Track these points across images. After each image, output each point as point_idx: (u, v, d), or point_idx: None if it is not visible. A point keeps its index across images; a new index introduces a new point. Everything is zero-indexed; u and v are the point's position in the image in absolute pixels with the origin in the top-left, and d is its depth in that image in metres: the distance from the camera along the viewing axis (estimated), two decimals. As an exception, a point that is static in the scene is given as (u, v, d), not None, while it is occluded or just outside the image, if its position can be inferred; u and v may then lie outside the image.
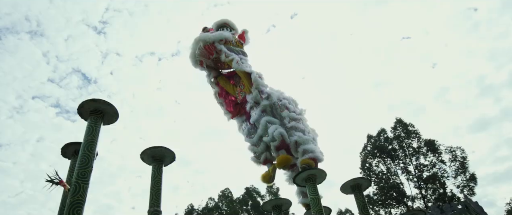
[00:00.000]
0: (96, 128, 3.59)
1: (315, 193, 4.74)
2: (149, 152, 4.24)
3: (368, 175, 28.09)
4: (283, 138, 5.66)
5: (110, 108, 3.74)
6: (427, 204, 24.89)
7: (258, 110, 5.98)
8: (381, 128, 29.63)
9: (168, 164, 4.46)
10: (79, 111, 3.71)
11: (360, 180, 5.16)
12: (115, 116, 3.86)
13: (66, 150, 4.16)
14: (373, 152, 28.16)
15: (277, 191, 37.48)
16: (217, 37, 6.31)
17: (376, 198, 26.30)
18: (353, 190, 5.16)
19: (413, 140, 27.70)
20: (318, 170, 4.87)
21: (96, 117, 3.65)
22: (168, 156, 4.33)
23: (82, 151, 3.38)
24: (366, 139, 29.50)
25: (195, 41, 6.43)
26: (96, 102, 3.63)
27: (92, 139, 3.49)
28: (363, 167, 28.57)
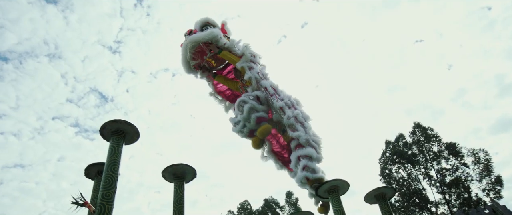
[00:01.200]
0: (118, 148, 3.62)
1: (339, 204, 4.65)
2: (171, 170, 4.25)
3: (389, 181, 27.53)
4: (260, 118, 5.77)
5: (131, 128, 3.77)
6: (452, 209, 24.17)
7: (249, 94, 6.01)
8: (399, 133, 29.14)
9: (189, 181, 4.46)
10: (101, 132, 3.76)
11: (384, 189, 5.04)
12: (136, 135, 3.89)
13: (89, 171, 4.21)
14: (393, 158, 27.63)
15: (297, 201, 37.06)
16: (209, 35, 6.16)
17: (398, 205, 25.70)
18: (378, 199, 5.04)
19: (433, 144, 27.09)
20: (341, 181, 4.77)
21: (118, 137, 3.68)
22: (189, 173, 4.34)
23: (106, 172, 3.40)
24: (385, 145, 29.02)
25: (185, 45, 6.23)
26: (118, 123, 3.67)
27: (114, 159, 3.52)
28: (383, 173, 28.03)
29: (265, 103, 6.08)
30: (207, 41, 6.08)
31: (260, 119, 5.90)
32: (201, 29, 6.43)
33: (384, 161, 28.35)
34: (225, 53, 6.19)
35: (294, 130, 5.67)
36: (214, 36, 6.08)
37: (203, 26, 6.47)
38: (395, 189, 5.41)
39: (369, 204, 5.31)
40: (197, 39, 6.04)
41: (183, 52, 6.24)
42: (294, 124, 5.66)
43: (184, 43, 6.19)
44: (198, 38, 6.04)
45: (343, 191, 4.90)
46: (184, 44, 6.19)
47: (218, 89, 7.00)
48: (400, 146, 28.45)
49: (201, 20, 6.51)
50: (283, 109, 5.79)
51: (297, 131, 5.66)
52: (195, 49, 6.17)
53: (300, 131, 5.65)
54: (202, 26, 6.47)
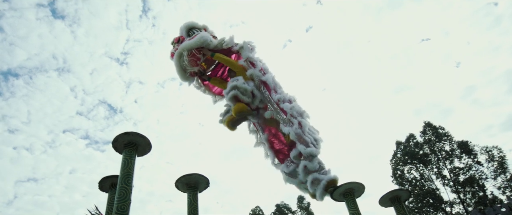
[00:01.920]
0: (131, 160, 3.63)
1: (355, 207, 4.60)
2: (183, 180, 4.24)
3: (401, 182, 27.25)
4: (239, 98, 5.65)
5: (143, 140, 3.78)
6: (467, 209, 23.77)
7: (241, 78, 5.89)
8: (409, 133, 28.86)
9: (203, 190, 4.45)
10: (114, 145, 3.77)
11: (399, 191, 4.96)
12: (148, 147, 3.90)
13: (103, 184, 4.23)
14: (404, 158, 27.35)
15: (308, 206, 36.81)
16: (200, 40, 6.00)
17: (412, 206, 25.37)
18: (393, 202, 4.97)
19: (445, 143, 26.75)
20: (356, 184, 4.72)
21: (130, 150, 3.69)
22: (202, 182, 4.33)
23: (120, 184, 3.41)
24: (395, 145, 28.74)
25: (180, 54, 6.07)
26: (130, 136, 3.68)
27: (128, 172, 3.53)
28: (394, 174, 27.74)
29: (259, 97, 5.94)
30: (199, 46, 5.99)
31: (237, 99, 5.72)
32: (187, 34, 6.33)
33: (396, 162, 28.06)
34: (218, 55, 6.10)
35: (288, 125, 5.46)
36: (205, 40, 5.99)
37: (189, 30, 6.37)
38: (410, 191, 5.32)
39: (384, 207, 5.25)
40: (190, 46, 5.95)
41: (177, 62, 6.12)
42: (290, 119, 5.43)
43: (178, 52, 6.06)
44: (190, 45, 5.95)
45: (359, 194, 4.84)
46: (178, 53, 6.07)
47: (214, 92, 6.93)
48: (411, 146, 28.16)
49: (186, 25, 6.40)
50: (279, 102, 5.64)
51: (292, 126, 5.41)
52: (190, 57, 6.08)
53: (292, 127, 5.41)
54: (188, 31, 6.38)
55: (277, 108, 5.70)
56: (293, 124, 5.37)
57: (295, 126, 5.36)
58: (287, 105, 5.56)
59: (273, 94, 5.75)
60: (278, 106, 5.65)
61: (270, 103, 5.88)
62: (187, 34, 6.28)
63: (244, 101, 5.69)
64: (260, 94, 5.95)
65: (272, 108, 5.85)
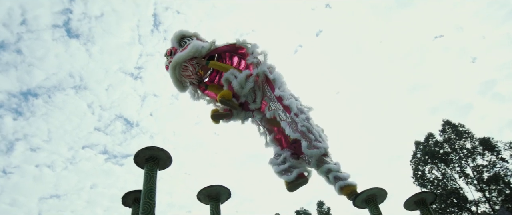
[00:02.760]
0: (153, 175, 3.65)
1: (379, 214, 4.50)
2: (205, 192, 4.23)
3: (422, 183, 26.72)
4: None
5: (164, 154, 3.80)
6: (494, 207, 23.07)
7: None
8: (428, 133, 28.34)
9: (225, 201, 4.43)
10: (135, 160, 3.80)
11: (424, 194, 4.83)
12: (169, 160, 3.92)
13: (126, 199, 4.25)
14: (424, 158, 26.82)
15: (329, 210, 36.39)
16: (192, 50, 5.76)
17: (436, 207, 24.79)
18: (418, 205, 4.83)
19: (466, 140, 26.15)
20: (378, 189, 4.62)
21: (151, 164, 3.72)
22: (224, 193, 4.31)
23: (143, 199, 3.43)
24: (414, 145, 28.24)
25: (174, 69, 5.85)
26: (150, 150, 3.71)
27: (150, 186, 3.54)
28: (415, 175, 27.24)
29: (259, 94, 5.70)
30: (192, 57, 5.79)
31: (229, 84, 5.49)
32: (179, 44, 6.07)
33: (416, 162, 27.56)
34: (213, 63, 5.90)
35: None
36: (196, 49, 5.73)
37: (180, 40, 6.10)
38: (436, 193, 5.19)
39: (409, 211, 5.13)
40: (183, 58, 5.75)
41: (173, 75, 5.92)
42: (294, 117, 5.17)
43: (172, 65, 5.85)
44: (183, 57, 5.74)
45: (382, 200, 4.72)
46: (172, 66, 5.86)
47: (214, 98, 6.38)
48: (430, 146, 27.63)
49: (176, 36, 6.13)
50: (283, 100, 5.35)
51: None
52: (184, 69, 5.87)
53: (295, 126, 5.10)
54: (179, 41, 6.10)
55: (279, 106, 5.41)
56: (297, 123, 5.08)
57: (300, 123, 5.08)
58: (293, 103, 5.30)
59: (277, 91, 5.49)
60: (282, 105, 5.36)
61: (272, 101, 5.58)
62: (179, 45, 6.03)
63: (233, 88, 5.51)
64: (257, 91, 5.72)
65: (273, 106, 5.54)
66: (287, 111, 5.27)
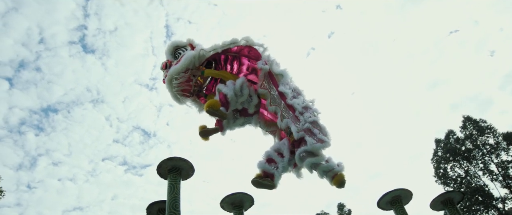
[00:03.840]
0: (176, 185, 3.69)
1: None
2: (228, 200, 4.26)
3: (445, 181, 26.15)
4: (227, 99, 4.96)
5: (186, 164, 3.84)
6: (522, 204, 22.38)
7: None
8: (448, 130, 27.75)
9: (248, 209, 4.44)
10: (158, 171, 3.85)
11: (451, 193, 4.75)
12: (191, 170, 3.95)
13: (151, 209, 4.30)
14: (446, 156, 26.24)
15: (350, 213, 35.91)
16: (185, 62, 5.52)
17: (460, 206, 24.19)
18: (445, 205, 4.74)
19: (488, 136, 25.46)
20: (403, 190, 4.55)
21: (174, 175, 3.76)
22: (246, 201, 4.33)
23: (168, 210, 3.47)
24: (435, 143, 27.68)
25: (169, 81, 5.64)
26: (173, 161, 3.76)
27: (175, 196, 3.58)
28: (437, 174, 26.66)
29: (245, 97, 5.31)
30: (186, 69, 5.55)
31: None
32: (174, 56, 5.85)
33: (437, 160, 26.99)
34: (208, 71, 5.68)
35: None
36: (190, 60, 5.47)
37: (174, 52, 5.87)
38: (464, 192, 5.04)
39: (435, 211, 5.02)
40: (176, 73, 5.53)
41: (169, 89, 5.73)
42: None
43: (167, 81, 5.65)
44: (177, 71, 5.52)
45: (407, 201, 4.65)
46: (167, 82, 5.66)
47: None
48: (451, 143, 27.04)
49: (169, 48, 5.90)
50: (287, 98, 5.01)
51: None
52: (179, 83, 5.62)
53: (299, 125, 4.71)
54: (172, 53, 5.87)
55: (282, 103, 5.06)
56: (300, 121, 4.74)
57: (302, 122, 4.73)
58: (296, 101, 4.98)
59: (281, 87, 5.15)
60: (285, 103, 5.03)
61: (273, 99, 5.20)
62: (174, 57, 5.82)
63: (227, 97, 5.05)
64: (253, 95, 5.39)
65: (275, 103, 5.17)
66: (290, 110, 4.96)
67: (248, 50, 5.57)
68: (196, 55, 5.51)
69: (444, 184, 26.10)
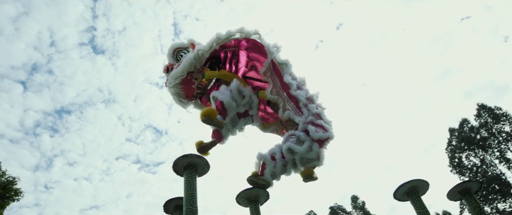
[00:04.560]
0: (192, 182, 3.71)
1: (422, 206, 4.37)
2: (244, 194, 4.27)
3: (460, 171, 25.84)
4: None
5: (201, 160, 3.86)
6: (541, 192, 21.97)
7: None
8: (462, 118, 27.33)
9: (264, 203, 4.45)
10: (174, 168, 3.88)
11: (469, 183, 4.67)
12: (207, 167, 3.98)
13: (168, 206, 4.35)
14: (460, 145, 25.88)
15: (363, 205, 35.82)
16: (185, 65, 5.31)
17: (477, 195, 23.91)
18: (463, 195, 4.67)
19: (504, 123, 25.03)
20: (419, 181, 4.50)
21: (190, 171, 3.79)
22: (262, 195, 4.33)
23: (186, 206, 3.51)
24: (449, 133, 27.32)
25: (169, 84, 5.45)
26: (188, 158, 3.78)
27: (191, 193, 3.61)
28: (452, 163, 26.35)
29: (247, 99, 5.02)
30: (187, 72, 5.33)
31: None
32: (176, 59, 5.64)
33: (451, 150, 26.65)
34: (209, 73, 5.40)
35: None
36: (189, 63, 5.21)
37: (175, 54, 5.66)
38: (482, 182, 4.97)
39: (453, 201, 4.97)
40: (176, 76, 5.33)
41: (171, 92, 5.56)
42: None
43: (168, 85, 5.48)
44: (177, 75, 5.31)
45: (423, 192, 4.60)
46: (169, 86, 5.49)
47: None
48: (466, 132, 26.64)
49: (169, 51, 5.71)
50: (291, 89, 4.85)
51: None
52: (180, 87, 5.43)
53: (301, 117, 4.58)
54: (174, 55, 5.67)
55: (284, 94, 4.93)
56: (303, 114, 4.66)
57: (306, 113, 4.65)
58: (300, 93, 4.82)
59: (286, 77, 4.98)
60: (288, 94, 4.88)
61: (275, 88, 5.04)
62: (175, 59, 5.61)
63: (222, 105, 4.71)
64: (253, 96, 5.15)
65: (278, 93, 5.03)
66: (293, 101, 4.83)
67: (246, 41, 5.30)
68: (196, 57, 5.28)
69: (459, 174, 25.78)
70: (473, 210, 4.54)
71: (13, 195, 16.76)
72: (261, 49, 5.17)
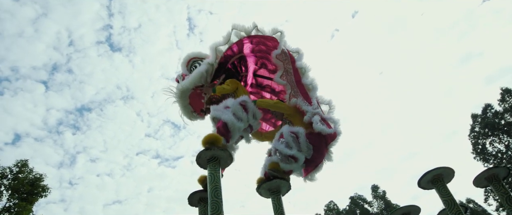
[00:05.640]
0: (216, 174, 3.76)
1: (447, 194, 4.31)
2: (266, 186, 4.30)
3: (484, 157, 25.24)
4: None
5: (224, 153, 3.91)
6: None
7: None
8: (485, 104, 26.61)
9: (285, 193, 4.48)
10: (198, 161, 3.94)
11: (496, 169, 4.56)
12: (230, 159, 4.03)
13: (192, 199, 4.45)
14: (484, 131, 25.25)
15: (384, 194, 35.50)
16: (195, 77, 4.99)
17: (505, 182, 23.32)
18: (490, 181, 4.58)
19: (531, 107, 24.26)
20: (444, 169, 4.43)
21: (214, 164, 3.84)
22: (284, 186, 4.36)
23: (211, 198, 3.56)
24: (471, 119, 26.67)
25: (177, 98, 5.20)
26: (212, 151, 3.83)
27: (216, 185, 3.66)
28: (476, 150, 25.75)
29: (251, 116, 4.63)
30: (196, 85, 5.04)
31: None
32: (189, 69, 5.31)
33: (474, 136, 26.03)
34: (218, 89, 5.01)
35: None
36: (198, 77, 4.89)
37: (190, 65, 5.32)
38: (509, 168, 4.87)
39: (479, 188, 4.88)
40: (183, 89, 5.03)
41: (180, 102, 5.26)
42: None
43: (177, 94, 5.19)
44: (185, 88, 5.01)
45: (449, 179, 4.53)
46: (177, 96, 5.20)
47: None
48: (489, 117, 25.93)
49: (183, 60, 5.35)
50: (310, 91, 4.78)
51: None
52: (188, 101, 5.16)
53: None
54: (189, 66, 5.33)
55: (293, 80, 4.82)
56: (312, 104, 4.66)
57: (315, 104, 4.68)
58: (309, 82, 4.76)
59: (305, 80, 4.85)
60: (299, 81, 4.79)
61: (286, 74, 4.85)
62: (189, 70, 5.29)
63: (225, 127, 4.26)
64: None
65: (287, 79, 4.89)
66: (301, 89, 4.78)
67: (249, 41, 5.12)
68: (204, 71, 5.01)
69: (483, 161, 25.20)
70: (501, 196, 4.44)
71: (41, 191, 17.37)
72: (267, 39, 5.04)
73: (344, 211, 36.04)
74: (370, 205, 35.42)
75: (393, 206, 33.00)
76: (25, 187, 16.85)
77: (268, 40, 5.04)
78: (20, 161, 17.66)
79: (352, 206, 35.85)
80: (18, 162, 17.60)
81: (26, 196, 16.85)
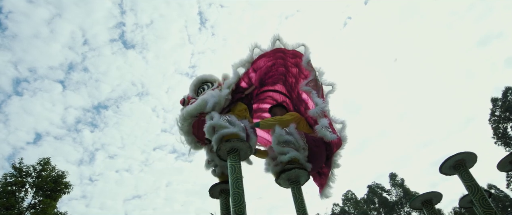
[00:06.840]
0: (237, 165, 3.80)
1: (471, 179, 4.24)
2: (285, 176, 4.32)
3: (505, 141, 24.70)
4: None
5: (244, 144, 3.94)
6: None
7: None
8: (505, 87, 25.92)
9: (304, 184, 4.49)
10: (218, 153, 3.99)
11: (520, 152, 4.49)
12: (249, 150, 4.05)
13: (213, 191, 4.51)
14: (505, 115, 24.67)
15: (403, 182, 35.16)
16: (200, 104, 4.63)
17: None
18: (514, 165, 4.51)
19: (553, 89, 23.54)
20: (467, 154, 4.37)
21: (234, 155, 3.87)
22: (303, 176, 4.36)
23: (232, 189, 3.60)
24: (491, 103, 26.06)
25: (179, 123, 4.94)
26: (231, 142, 3.87)
27: (237, 176, 3.70)
28: (496, 134, 25.22)
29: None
30: (199, 113, 4.69)
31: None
32: (196, 92, 5.05)
33: (495, 120, 25.48)
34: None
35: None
36: (205, 104, 4.54)
37: (199, 87, 5.06)
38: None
39: (504, 172, 4.79)
40: (187, 116, 4.73)
41: (183, 128, 4.93)
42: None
43: (181, 118, 4.87)
44: (188, 114, 4.72)
45: (471, 164, 4.46)
46: (181, 120, 4.89)
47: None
48: (510, 101, 25.29)
49: (194, 82, 5.10)
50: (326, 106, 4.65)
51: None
52: (191, 127, 4.88)
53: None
54: (197, 88, 5.07)
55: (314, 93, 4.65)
56: (325, 102, 4.68)
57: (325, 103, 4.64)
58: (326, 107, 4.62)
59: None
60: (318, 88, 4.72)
61: (312, 83, 4.74)
62: (196, 93, 5.03)
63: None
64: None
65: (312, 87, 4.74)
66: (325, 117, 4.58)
67: (262, 62, 4.90)
68: (213, 102, 4.51)
69: (505, 145, 24.67)
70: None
71: (64, 188, 17.85)
72: (286, 53, 4.86)
73: (362, 200, 35.91)
74: (389, 194, 35.18)
75: (412, 193, 32.69)
76: (48, 184, 17.34)
77: (288, 54, 4.88)
78: (43, 159, 18.19)
79: (370, 195, 35.68)
80: (40, 160, 18.12)
81: (50, 193, 17.35)
